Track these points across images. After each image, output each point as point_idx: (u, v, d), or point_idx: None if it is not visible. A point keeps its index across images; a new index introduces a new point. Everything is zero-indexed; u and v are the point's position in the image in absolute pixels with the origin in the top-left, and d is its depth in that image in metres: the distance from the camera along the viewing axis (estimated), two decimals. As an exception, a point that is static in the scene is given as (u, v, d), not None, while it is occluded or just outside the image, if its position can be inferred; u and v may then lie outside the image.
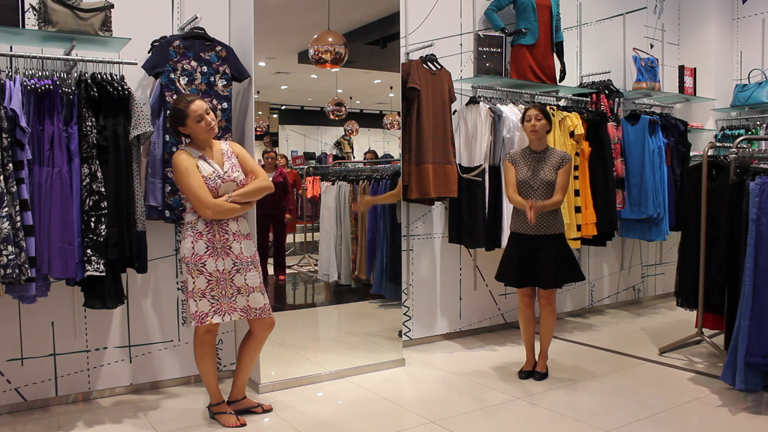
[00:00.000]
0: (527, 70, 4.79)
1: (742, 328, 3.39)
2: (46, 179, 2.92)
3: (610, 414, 3.30)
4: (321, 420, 3.22)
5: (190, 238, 3.00)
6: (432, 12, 4.63)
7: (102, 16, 3.13)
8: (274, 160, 4.33)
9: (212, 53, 3.52)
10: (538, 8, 4.81)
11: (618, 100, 5.44)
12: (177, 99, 3.10)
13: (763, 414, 3.26)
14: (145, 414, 3.31)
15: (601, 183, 4.95)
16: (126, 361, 3.61)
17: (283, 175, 4.46)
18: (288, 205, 4.66)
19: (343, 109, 4.29)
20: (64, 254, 2.94)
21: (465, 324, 4.90)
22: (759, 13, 6.14)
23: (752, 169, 3.61)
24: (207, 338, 3.11)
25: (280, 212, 4.53)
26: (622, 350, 4.43)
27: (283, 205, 4.53)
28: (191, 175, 2.94)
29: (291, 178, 4.59)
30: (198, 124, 3.00)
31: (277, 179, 4.36)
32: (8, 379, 3.30)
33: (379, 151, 4.72)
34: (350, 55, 3.86)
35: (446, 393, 3.63)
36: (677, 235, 4.85)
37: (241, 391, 3.27)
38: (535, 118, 3.68)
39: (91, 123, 3.04)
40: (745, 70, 6.20)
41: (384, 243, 4.36)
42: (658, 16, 6.23)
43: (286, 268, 4.58)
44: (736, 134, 5.88)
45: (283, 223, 4.57)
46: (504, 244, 4.35)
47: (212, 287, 3.00)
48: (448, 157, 4.32)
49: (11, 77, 2.92)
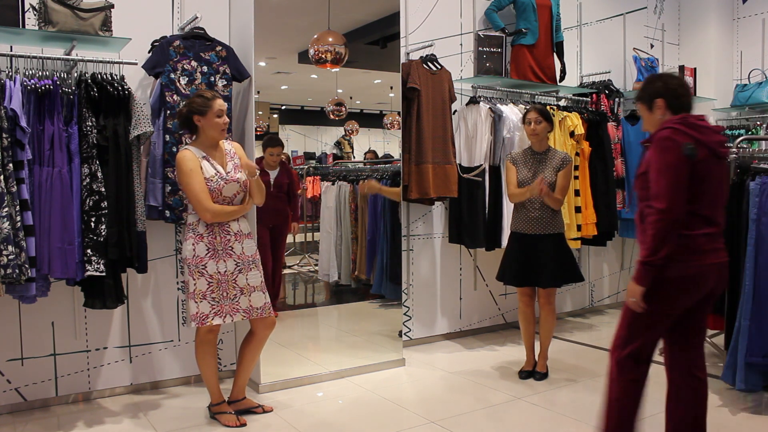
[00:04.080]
0: (527, 70, 4.79)
1: (743, 328, 3.39)
2: (47, 179, 2.92)
3: (611, 414, 3.29)
4: (321, 420, 3.22)
5: (191, 239, 3.00)
6: (432, 12, 4.63)
7: (102, 16, 3.13)
8: (278, 158, 4.07)
9: (212, 53, 3.52)
10: (538, 8, 4.81)
11: (618, 100, 5.44)
12: (199, 92, 3.11)
13: (763, 414, 3.26)
14: (145, 414, 3.31)
15: (602, 183, 4.95)
16: (126, 361, 3.61)
17: (289, 174, 4.13)
18: (291, 213, 4.20)
19: (343, 109, 4.29)
20: (64, 254, 2.94)
21: (465, 324, 4.90)
22: (759, 13, 6.14)
23: (752, 169, 3.61)
24: (208, 338, 3.11)
25: (282, 223, 4.13)
26: (622, 350, 4.43)
27: (286, 214, 4.18)
28: (194, 176, 2.94)
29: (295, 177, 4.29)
30: (217, 119, 3.00)
31: (282, 180, 4.07)
32: (8, 379, 3.30)
33: (379, 151, 4.72)
34: (350, 55, 3.86)
35: (446, 393, 3.63)
36: (677, 235, 4.84)
37: (241, 391, 3.27)
38: (534, 121, 3.69)
39: (92, 123, 3.04)
40: (745, 70, 6.20)
41: (384, 243, 4.36)
42: (658, 16, 6.23)
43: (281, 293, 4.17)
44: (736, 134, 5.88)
45: (283, 239, 4.14)
46: (504, 244, 4.35)
47: (213, 289, 3.00)
48: (448, 157, 4.32)
49: (11, 77, 2.92)
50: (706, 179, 2.31)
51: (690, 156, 2.26)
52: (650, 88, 2.47)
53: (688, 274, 2.31)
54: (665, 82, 2.45)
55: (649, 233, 2.27)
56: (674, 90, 2.42)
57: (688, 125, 2.32)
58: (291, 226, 4.28)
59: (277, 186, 4.05)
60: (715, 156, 2.34)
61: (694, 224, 2.32)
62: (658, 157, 2.30)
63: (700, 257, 2.32)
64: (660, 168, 2.28)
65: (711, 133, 2.36)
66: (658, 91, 2.43)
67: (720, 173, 2.40)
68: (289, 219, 4.21)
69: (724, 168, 2.44)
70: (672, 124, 2.33)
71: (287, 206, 4.16)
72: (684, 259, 2.30)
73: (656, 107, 2.43)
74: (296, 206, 4.35)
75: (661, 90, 2.43)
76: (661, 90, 2.43)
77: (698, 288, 2.37)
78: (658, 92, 2.43)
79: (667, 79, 2.47)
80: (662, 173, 2.27)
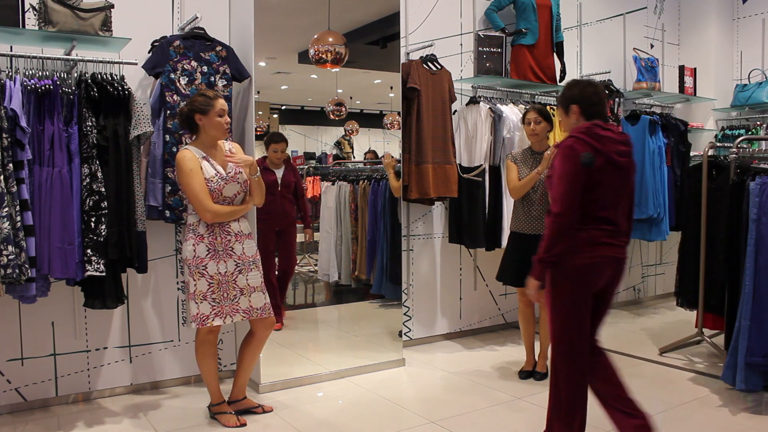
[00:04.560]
0: (527, 70, 4.79)
1: (743, 328, 3.39)
2: (47, 179, 2.92)
3: (611, 414, 3.30)
4: (321, 420, 3.22)
5: (191, 240, 3.00)
6: (432, 12, 4.63)
7: (102, 16, 3.13)
8: (283, 154, 3.88)
9: (212, 53, 3.52)
10: (538, 8, 4.81)
11: (618, 100, 5.44)
12: (200, 91, 3.10)
13: (763, 414, 3.26)
14: (145, 414, 3.31)
15: (602, 183, 4.94)
16: (126, 361, 3.61)
17: (295, 173, 3.93)
18: (300, 214, 3.93)
19: (343, 109, 4.28)
20: (65, 254, 2.94)
21: (465, 324, 4.90)
22: (759, 13, 6.14)
23: (752, 169, 3.61)
24: (209, 338, 3.11)
25: (289, 226, 3.93)
26: (622, 350, 4.43)
27: (293, 216, 3.98)
28: (195, 177, 2.93)
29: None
30: (219, 118, 2.99)
31: (289, 178, 3.88)
32: (8, 379, 3.30)
33: (380, 151, 4.71)
34: (350, 55, 3.86)
35: (446, 393, 3.63)
36: (677, 235, 4.84)
37: (241, 391, 3.27)
38: (534, 122, 3.70)
39: (92, 123, 3.04)
40: (745, 70, 6.20)
41: (384, 243, 4.36)
42: (658, 16, 6.22)
43: (284, 312, 3.95)
44: (736, 134, 5.87)
45: (292, 243, 3.86)
46: (504, 244, 4.35)
47: (213, 290, 3.00)
48: (448, 157, 4.32)
49: (11, 77, 2.92)
50: (602, 185, 2.49)
51: (587, 164, 2.44)
52: (568, 93, 2.63)
53: (585, 264, 2.51)
54: (582, 89, 2.61)
55: (546, 233, 2.50)
56: (589, 98, 2.58)
57: (590, 135, 2.49)
58: (306, 232, 4.16)
59: (285, 185, 3.90)
60: (613, 165, 2.51)
61: (591, 222, 2.51)
62: (560, 164, 2.50)
63: (596, 249, 2.51)
64: (560, 174, 2.48)
65: (612, 144, 2.51)
66: (574, 97, 2.60)
67: (620, 181, 2.55)
68: (294, 224, 4.04)
69: (627, 176, 2.59)
70: (576, 133, 2.52)
71: (294, 207, 4.03)
72: (582, 251, 2.50)
73: (572, 112, 2.61)
74: (306, 208, 4.16)
75: (577, 97, 2.59)
76: (576, 97, 2.59)
77: (597, 277, 2.55)
78: (574, 98, 2.60)
79: (585, 86, 2.62)
80: (561, 180, 2.48)
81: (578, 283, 2.53)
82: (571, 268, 2.50)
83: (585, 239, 2.50)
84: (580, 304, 2.55)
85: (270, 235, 3.59)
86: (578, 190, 2.46)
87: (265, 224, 3.47)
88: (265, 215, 3.47)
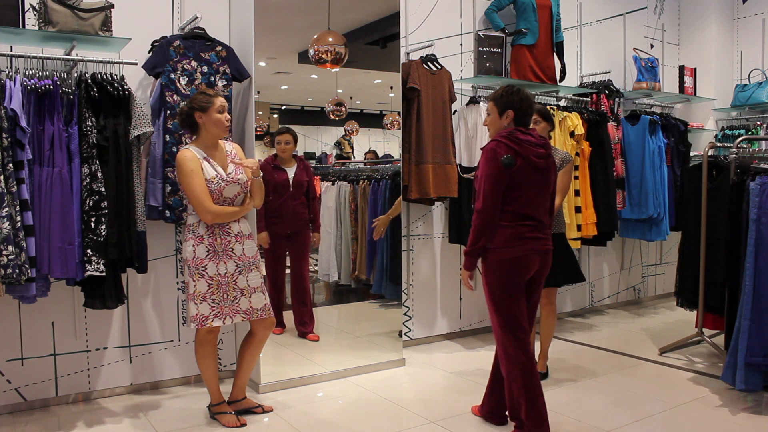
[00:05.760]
0: (527, 70, 4.79)
1: (743, 328, 3.39)
2: (47, 179, 2.92)
3: (610, 414, 3.30)
4: (321, 420, 3.22)
5: (191, 241, 3.00)
6: (432, 12, 4.63)
7: (102, 16, 3.13)
8: (291, 147, 3.65)
9: (212, 53, 3.52)
10: (538, 8, 4.81)
11: (618, 100, 5.44)
12: (200, 90, 3.10)
13: (763, 414, 3.26)
14: (145, 414, 3.31)
15: (602, 183, 4.95)
16: (126, 361, 3.61)
17: (308, 171, 3.74)
18: (311, 216, 3.73)
19: (344, 109, 4.28)
20: (65, 254, 2.94)
21: (465, 324, 4.90)
22: (759, 13, 6.14)
23: (752, 169, 3.61)
24: (208, 338, 3.11)
25: (302, 229, 3.76)
26: (623, 350, 4.43)
27: (305, 219, 3.81)
28: (195, 177, 2.93)
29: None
30: (219, 115, 2.99)
31: (301, 177, 3.66)
32: (8, 379, 3.30)
33: (380, 151, 4.71)
34: (350, 55, 3.86)
35: (446, 393, 3.63)
36: (677, 235, 4.85)
37: (241, 391, 3.27)
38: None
39: (92, 123, 3.04)
40: (745, 70, 6.20)
41: (384, 243, 4.36)
42: (658, 16, 6.23)
43: (313, 319, 3.66)
44: (736, 134, 5.88)
45: (305, 248, 3.64)
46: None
47: (213, 291, 2.99)
48: (448, 157, 4.32)
49: (11, 77, 2.92)
50: (523, 185, 2.75)
51: (507, 166, 2.70)
52: (508, 98, 2.82)
53: (512, 257, 2.77)
54: (521, 99, 2.81)
55: (471, 228, 2.78)
56: (525, 109, 2.82)
57: (511, 139, 2.74)
58: (313, 236, 4.00)
59: (296, 185, 3.73)
60: (531, 166, 2.76)
61: (517, 219, 2.76)
62: (484, 165, 2.76)
63: (521, 243, 2.77)
64: (483, 175, 2.74)
65: (531, 147, 2.77)
66: (514, 104, 2.80)
67: (539, 181, 2.81)
68: (311, 230, 3.82)
69: (546, 176, 2.84)
70: (499, 137, 2.76)
71: (307, 209, 3.85)
72: (508, 245, 2.76)
73: (506, 116, 2.81)
74: (316, 210, 3.94)
75: (516, 104, 2.80)
76: (516, 104, 2.80)
77: (525, 268, 2.81)
78: (513, 105, 2.80)
79: (524, 96, 2.82)
80: (484, 179, 2.73)
81: (510, 274, 2.79)
82: (504, 261, 2.77)
83: (513, 235, 2.75)
84: (513, 292, 2.80)
85: (280, 240, 3.45)
86: (500, 189, 2.72)
87: (276, 227, 3.31)
88: (276, 218, 3.33)
